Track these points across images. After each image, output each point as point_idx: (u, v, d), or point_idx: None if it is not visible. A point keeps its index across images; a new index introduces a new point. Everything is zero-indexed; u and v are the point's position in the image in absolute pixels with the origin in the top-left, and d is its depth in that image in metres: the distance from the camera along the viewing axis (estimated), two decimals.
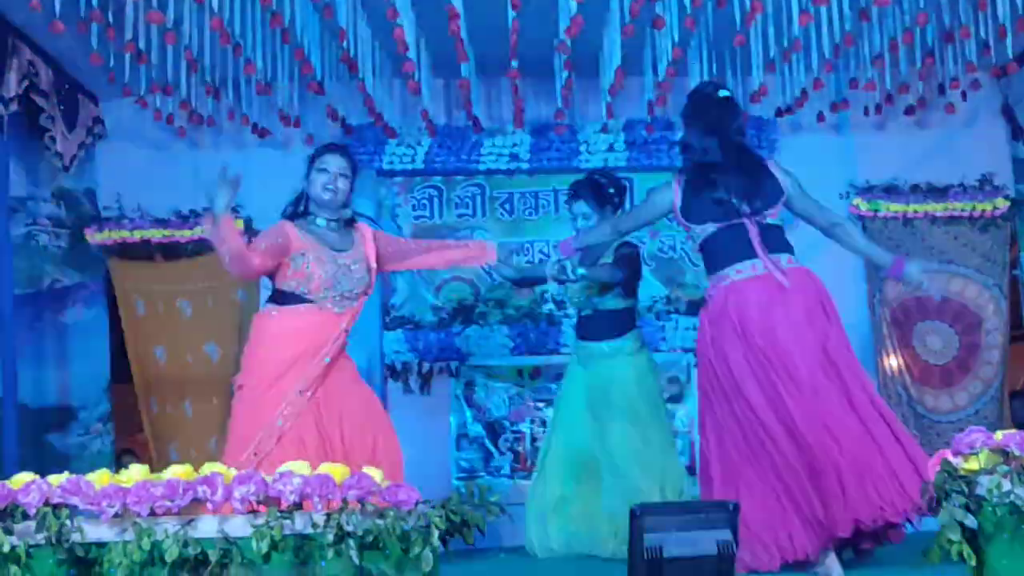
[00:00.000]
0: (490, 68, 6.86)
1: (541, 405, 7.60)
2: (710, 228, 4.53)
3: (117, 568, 2.67)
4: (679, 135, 7.50)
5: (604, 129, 7.58)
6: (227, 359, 7.40)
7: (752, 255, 4.44)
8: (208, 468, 2.83)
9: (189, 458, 7.08)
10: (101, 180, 7.60)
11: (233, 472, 2.81)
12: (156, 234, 7.47)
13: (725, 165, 4.55)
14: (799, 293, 4.38)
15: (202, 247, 7.49)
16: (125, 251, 7.49)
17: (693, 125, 4.71)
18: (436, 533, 2.70)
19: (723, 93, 4.77)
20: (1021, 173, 7.72)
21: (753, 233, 4.45)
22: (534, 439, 7.50)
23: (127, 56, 6.04)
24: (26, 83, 6.36)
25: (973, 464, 2.85)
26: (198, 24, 5.91)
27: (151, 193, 7.47)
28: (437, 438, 7.45)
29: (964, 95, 7.08)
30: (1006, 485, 2.78)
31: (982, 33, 6.22)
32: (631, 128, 7.70)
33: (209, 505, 2.75)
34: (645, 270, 7.04)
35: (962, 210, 7.59)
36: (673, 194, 4.66)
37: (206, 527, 2.75)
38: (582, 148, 7.71)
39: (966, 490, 2.81)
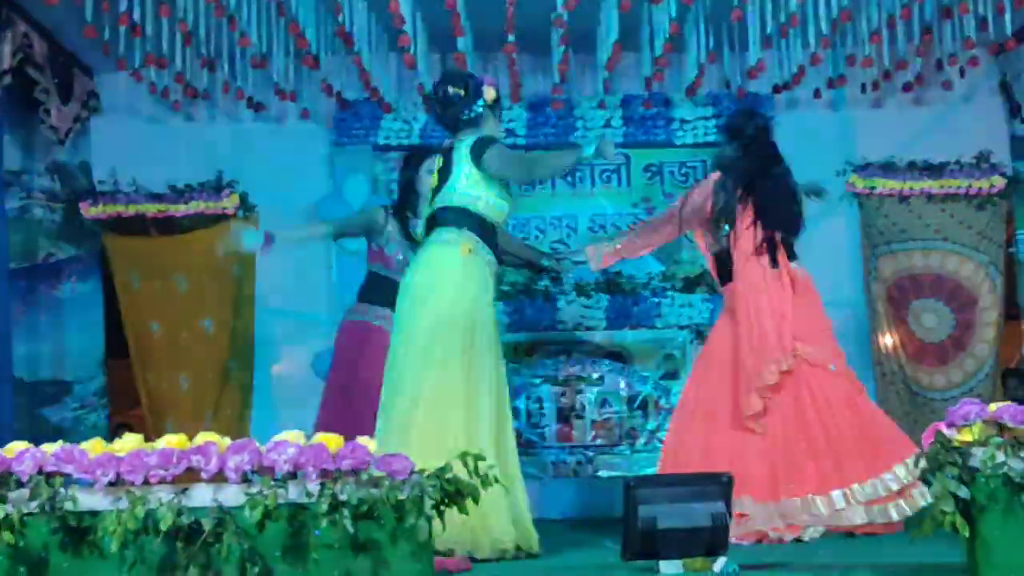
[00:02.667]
0: (487, 42, 6.83)
1: (537, 381, 7.59)
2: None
3: (111, 536, 2.67)
4: (674, 111, 7.61)
5: (601, 105, 7.56)
6: (223, 333, 7.41)
7: None
8: (202, 438, 2.83)
9: (184, 432, 7.12)
10: (96, 154, 7.56)
11: (227, 441, 2.81)
12: (151, 208, 7.44)
13: None
14: None
15: (197, 222, 7.49)
16: (120, 225, 7.46)
17: None
18: (430, 503, 2.70)
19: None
20: (1018, 151, 7.70)
21: None
22: (529, 415, 7.50)
23: (122, 29, 6.01)
24: (20, 56, 6.32)
25: (967, 436, 2.86)
26: None
27: (146, 167, 7.44)
28: None
29: (962, 72, 7.06)
30: (999, 457, 2.79)
31: (980, 9, 6.20)
32: (628, 104, 7.67)
33: (203, 474, 2.75)
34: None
35: (958, 188, 7.57)
36: None
37: (200, 496, 2.75)
38: (579, 124, 7.69)
39: (960, 461, 2.82)
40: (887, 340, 7.60)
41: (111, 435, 7.12)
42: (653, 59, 6.67)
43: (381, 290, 5.60)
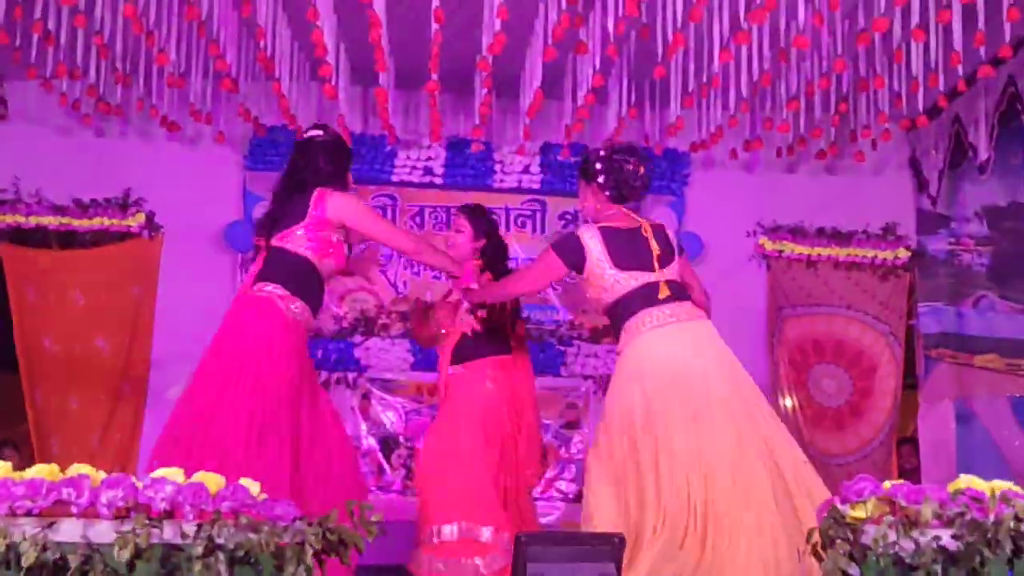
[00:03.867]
0: (410, 79, 6.79)
1: None
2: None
3: None
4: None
5: (520, 150, 7.55)
6: (118, 353, 7.21)
7: None
8: (75, 469, 2.69)
9: (71, 453, 6.90)
10: None
11: (102, 475, 2.68)
12: (53, 221, 7.25)
13: None
14: None
15: (100, 238, 7.30)
16: (19, 236, 7.25)
17: None
18: (311, 551, 2.60)
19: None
20: (923, 225, 7.88)
21: None
22: None
23: (35, 36, 5.85)
24: None
25: (860, 512, 2.85)
26: (111, 8, 5.76)
27: (51, 179, 7.25)
28: None
29: (874, 144, 7.20)
30: (891, 535, 2.78)
31: (895, 85, 6.33)
32: (547, 151, 7.69)
33: (73, 508, 2.61)
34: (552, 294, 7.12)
35: (864, 257, 7.73)
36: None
37: (69, 531, 2.60)
38: (497, 167, 7.68)
39: (851, 538, 2.81)
40: (787, 402, 7.67)
41: None
42: (574, 108, 6.69)
43: (318, 299, 4.53)
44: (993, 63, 5.87)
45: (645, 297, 4.42)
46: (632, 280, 4.41)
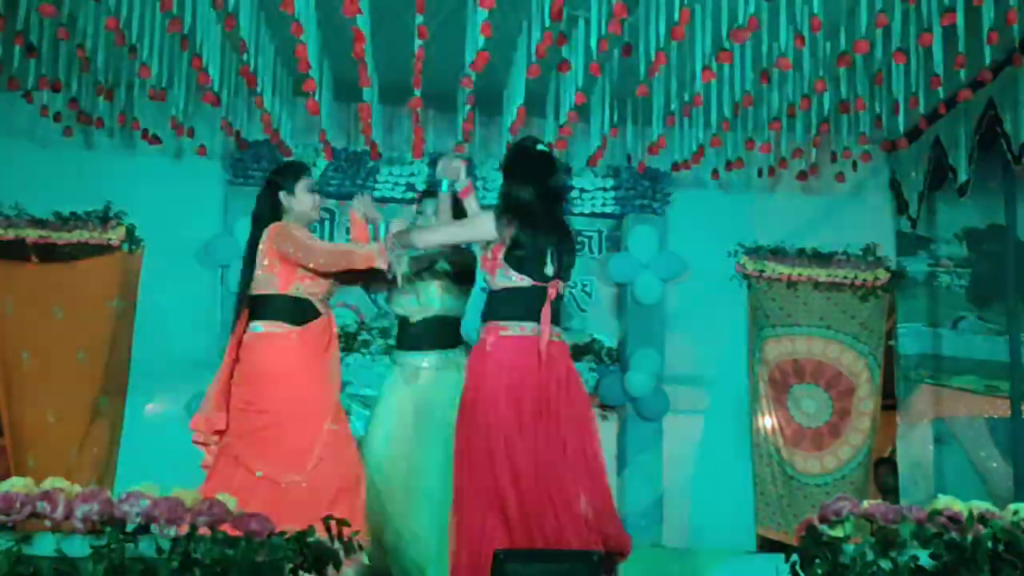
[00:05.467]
0: (393, 95, 6.80)
1: None
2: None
3: None
4: (574, 180, 7.67)
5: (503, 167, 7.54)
6: (96, 367, 7.16)
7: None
8: (50, 483, 2.67)
9: (48, 467, 6.82)
10: None
11: (77, 488, 2.65)
12: (33, 234, 7.20)
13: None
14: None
15: (80, 251, 7.26)
16: None
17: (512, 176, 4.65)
18: (288, 567, 2.58)
19: (540, 147, 4.63)
20: (903, 247, 7.93)
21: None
22: None
23: (16, 48, 5.83)
24: None
25: (838, 531, 2.85)
26: (94, 22, 5.74)
27: (31, 192, 7.20)
28: None
29: (855, 165, 7.25)
30: (869, 555, 2.78)
31: (876, 107, 6.37)
32: None
33: (48, 522, 2.58)
34: None
35: (844, 278, 7.73)
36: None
37: (43, 545, 2.58)
38: (479, 184, 7.66)
39: (830, 557, 2.81)
40: (766, 422, 7.67)
41: None
42: (557, 126, 6.70)
43: None
44: (973, 86, 5.93)
45: None
46: None
